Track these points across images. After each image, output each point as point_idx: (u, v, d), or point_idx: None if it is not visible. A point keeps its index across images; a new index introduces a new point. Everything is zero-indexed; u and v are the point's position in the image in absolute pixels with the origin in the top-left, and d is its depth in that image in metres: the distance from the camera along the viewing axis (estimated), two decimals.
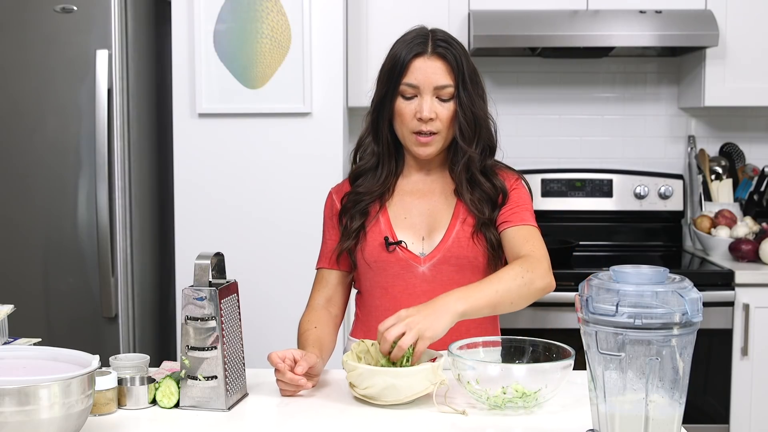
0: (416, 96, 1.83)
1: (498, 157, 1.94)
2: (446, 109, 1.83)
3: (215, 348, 1.60)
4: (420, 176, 1.94)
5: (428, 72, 1.82)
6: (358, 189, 1.92)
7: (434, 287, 1.86)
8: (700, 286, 1.40)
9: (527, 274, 1.73)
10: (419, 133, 1.84)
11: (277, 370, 1.68)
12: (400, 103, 1.84)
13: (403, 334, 1.59)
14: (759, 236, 3.15)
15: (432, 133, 1.84)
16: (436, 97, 1.83)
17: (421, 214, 1.91)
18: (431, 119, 1.82)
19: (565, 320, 2.89)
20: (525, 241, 1.83)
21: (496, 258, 1.88)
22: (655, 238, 3.50)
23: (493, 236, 1.86)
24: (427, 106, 1.81)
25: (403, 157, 1.95)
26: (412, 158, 1.93)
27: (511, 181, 1.92)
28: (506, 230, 1.86)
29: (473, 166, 1.87)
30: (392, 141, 1.91)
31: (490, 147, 1.91)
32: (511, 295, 1.71)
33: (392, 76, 1.84)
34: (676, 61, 3.51)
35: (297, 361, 1.68)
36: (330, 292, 1.97)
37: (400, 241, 1.88)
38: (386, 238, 1.88)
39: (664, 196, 3.44)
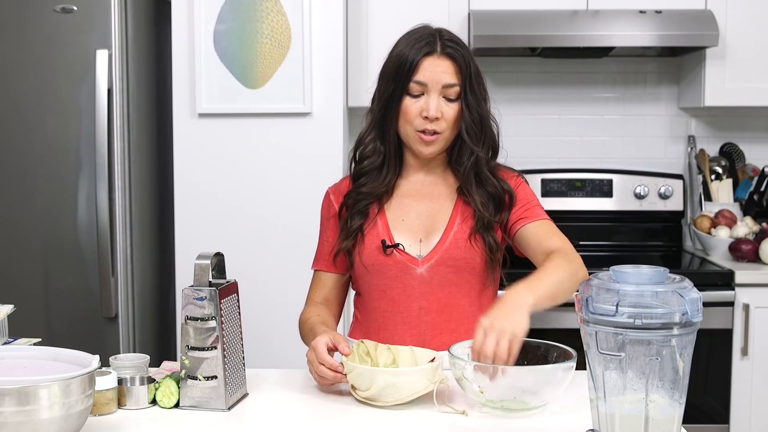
0: (423, 94, 1.83)
1: (501, 157, 1.95)
2: (452, 110, 1.83)
3: (215, 348, 1.60)
4: (419, 177, 1.94)
5: (437, 71, 1.81)
6: (361, 188, 1.91)
7: (432, 289, 1.86)
8: (700, 286, 1.40)
9: (570, 265, 1.74)
10: (423, 131, 1.84)
11: (319, 367, 1.68)
12: (407, 102, 1.83)
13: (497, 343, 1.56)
14: (759, 236, 3.15)
15: (436, 133, 1.84)
16: (443, 97, 1.83)
17: (419, 216, 1.91)
18: (437, 118, 1.82)
19: (565, 320, 2.88)
20: (549, 235, 1.84)
21: (494, 261, 1.88)
22: (655, 238, 3.50)
23: (492, 239, 1.86)
24: (434, 105, 1.81)
25: (403, 158, 1.94)
26: (412, 158, 1.93)
27: (512, 180, 1.92)
28: (524, 227, 1.86)
29: (481, 164, 1.87)
30: (397, 140, 1.91)
31: (494, 148, 1.91)
32: (564, 287, 1.70)
33: (400, 75, 1.83)
34: (676, 61, 3.51)
35: (332, 348, 1.69)
36: (327, 293, 1.98)
37: (398, 244, 1.88)
38: (383, 241, 1.88)
39: (664, 196, 3.44)
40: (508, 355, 1.55)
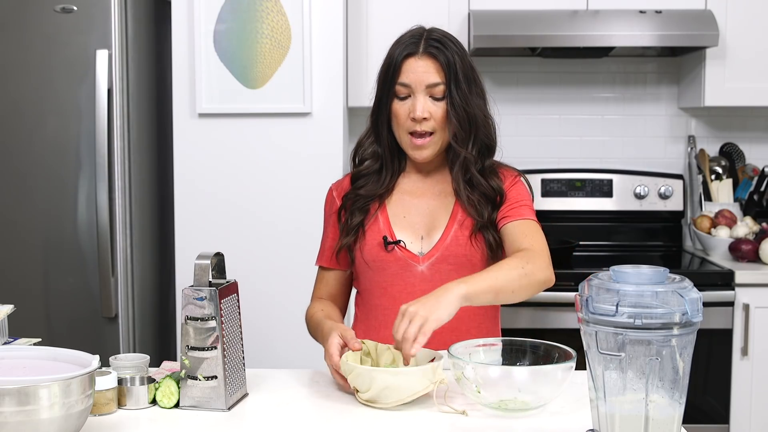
0: (410, 96, 1.83)
1: (497, 157, 1.93)
2: (440, 108, 1.83)
3: (215, 348, 1.60)
4: (419, 176, 1.95)
5: (419, 71, 1.82)
6: (358, 191, 1.92)
7: (433, 286, 1.85)
8: (700, 286, 1.40)
9: (527, 265, 1.72)
10: (414, 133, 1.84)
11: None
12: (396, 104, 1.85)
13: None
14: (759, 236, 3.15)
15: (427, 134, 1.84)
16: (430, 96, 1.83)
17: (420, 213, 1.91)
18: (425, 119, 1.82)
19: (565, 320, 2.89)
20: (524, 235, 1.82)
21: (495, 258, 1.87)
22: (655, 238, 3.50)
23: (493, 237, 1.86)
24: (420, 106, 1.82)
25: (405, 156, 1.95)
26: (411, 158, 1.93)
27: (509, 178, 1.91)
28: (505, 226, 1.86)
29: (471, 166, 1.87)
30: (393, 142, 1.91)
31: (488, 147, 1.90)
32: (512, 285, 1.70)
33: (387, 78, 1.85)
34: (676, 61, 3.51)
35: (345, 345, 1.71)
36: (331, 289, 2.00)
37: (399, 241, 1.88)
38: (385, 238, 1.88)
39: (664, 196, 3.44)
40: (416, 338, 1.57)
